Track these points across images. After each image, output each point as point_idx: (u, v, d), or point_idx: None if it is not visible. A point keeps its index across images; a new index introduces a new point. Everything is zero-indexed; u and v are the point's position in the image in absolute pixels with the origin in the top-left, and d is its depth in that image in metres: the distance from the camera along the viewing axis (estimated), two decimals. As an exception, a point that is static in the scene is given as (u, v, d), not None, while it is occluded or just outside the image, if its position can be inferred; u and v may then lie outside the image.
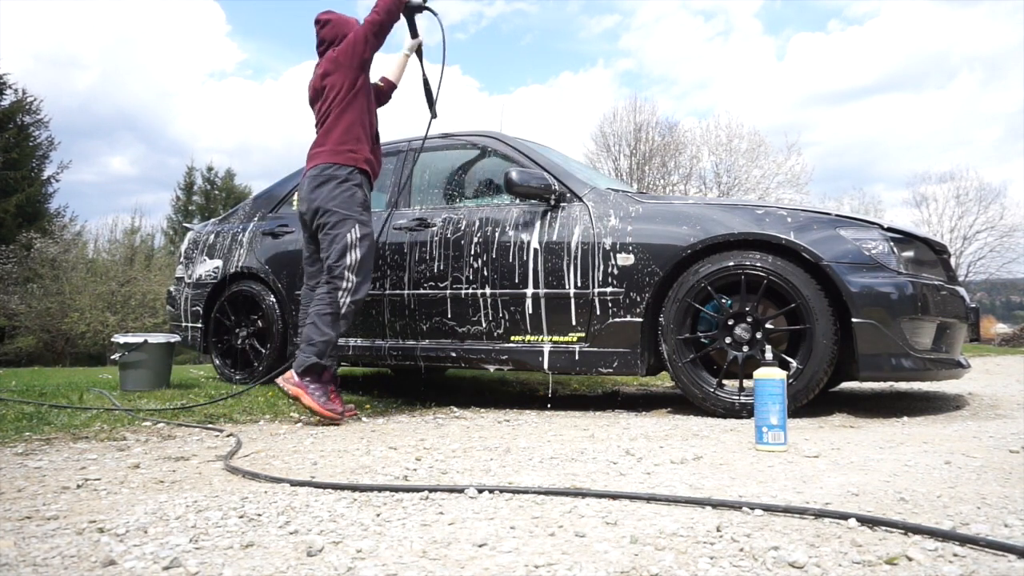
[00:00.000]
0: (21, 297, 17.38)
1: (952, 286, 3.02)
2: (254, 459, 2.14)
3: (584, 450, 2.19)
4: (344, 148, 3.16)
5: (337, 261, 3.07)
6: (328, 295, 3.05)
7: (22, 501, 1.62)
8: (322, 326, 3.02)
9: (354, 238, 3.07)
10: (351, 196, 3.12)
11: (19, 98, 21.07)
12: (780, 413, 2.12)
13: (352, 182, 3.14)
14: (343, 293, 3.05)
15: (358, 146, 3.19)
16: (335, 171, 3.13)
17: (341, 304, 3.05)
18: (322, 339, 3.00)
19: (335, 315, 3.04)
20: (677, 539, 1.25)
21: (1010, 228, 25.50)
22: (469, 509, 1.49)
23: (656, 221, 3.11)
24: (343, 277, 3.06)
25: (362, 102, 3.23)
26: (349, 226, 3.08)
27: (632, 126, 23.60)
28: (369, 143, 3.26)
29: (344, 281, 3.05)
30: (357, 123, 3.20)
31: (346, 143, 3.16)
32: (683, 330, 2.99)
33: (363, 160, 3.19)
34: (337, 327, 3.05)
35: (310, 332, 3.04)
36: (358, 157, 3.18)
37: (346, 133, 3.17)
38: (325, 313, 3.03)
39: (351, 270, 3.06)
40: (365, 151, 3.21)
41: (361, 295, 3.11)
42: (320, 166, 3.16)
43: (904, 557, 1.13)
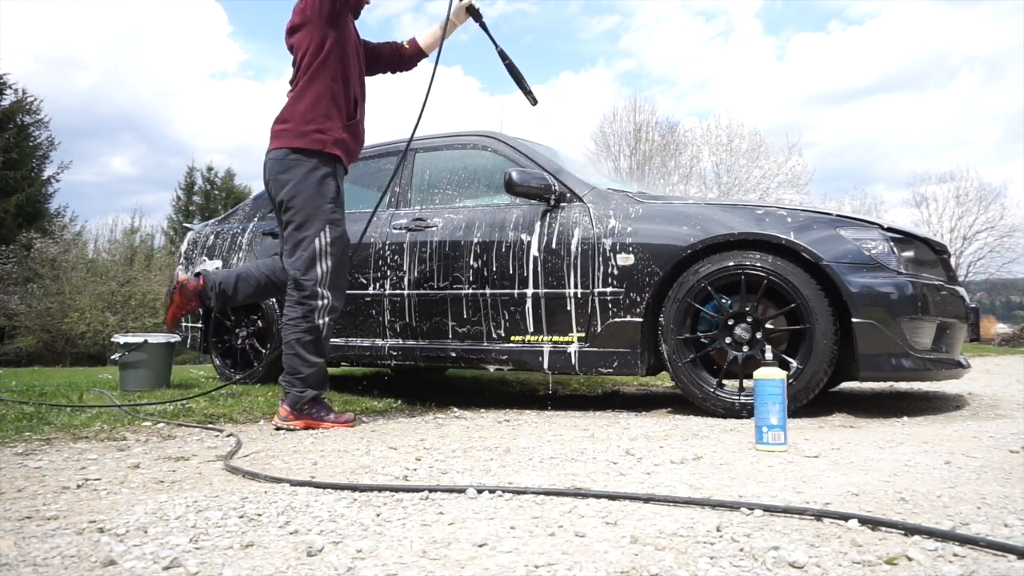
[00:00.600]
0: (21, 297, 17.38)
1: (952, 286, 3.02)
2: (254, 459, 2.14)
3: (584, 450, 2.19)
4: (310, 128, 2.71)
5: (306, 274, 2.72)
6: (303, 319, 2.72)
7: (22, 501, 1.62)
8: (307, 355, 2.73)
9: (323, 244, 2.71)
10: (319, 191, 2.72)
11: (19, 98, 21.07)
12: (780, 413, 2.12)
13: (321, 172, 2.73)
14: (319, 313, 2.74)
15: (326, 124, 2.72)
16: (300, 158, 2.71)
17: (321, 326, 2.74)
18: (311, 370, 2.75)
19: (316, 340, 2.75)
20: (677, 539, 1.25)
21: (1010, 228, 25.53)
22: (469, 509, 1.49)
23: (656, 221, 3.11)
24: (316, 295, 2.72)
25: (333, 68, 2.72)
26: (317, 228, 2.71)
27: (632, 126, 23.62)
28: (342, 118, 2.78)
29: (318, 300, 2.73)
30: (326, 95, 2.72)
31: (312, 121, 2.71)
32: (683, 330, 2.99)
33: (332, 142, 2.74)
34: (322, 350, 2.78)
35: (296, 364, 2.74)
36: (326, 139, 2.73)
37: (312, 108, 2.71)
38: (306, 340, 2.73)
39: (323, 284, 2.73)
40: (336, 130, 2.75)
41: (339, 310, 2.82)
42: (283, 151, 2.74)
43: (904, 557, 1.13)
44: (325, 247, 2.72)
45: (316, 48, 2.70)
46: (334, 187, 2.78)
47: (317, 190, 2.72)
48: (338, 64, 2.74)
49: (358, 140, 2.91)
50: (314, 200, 2.72)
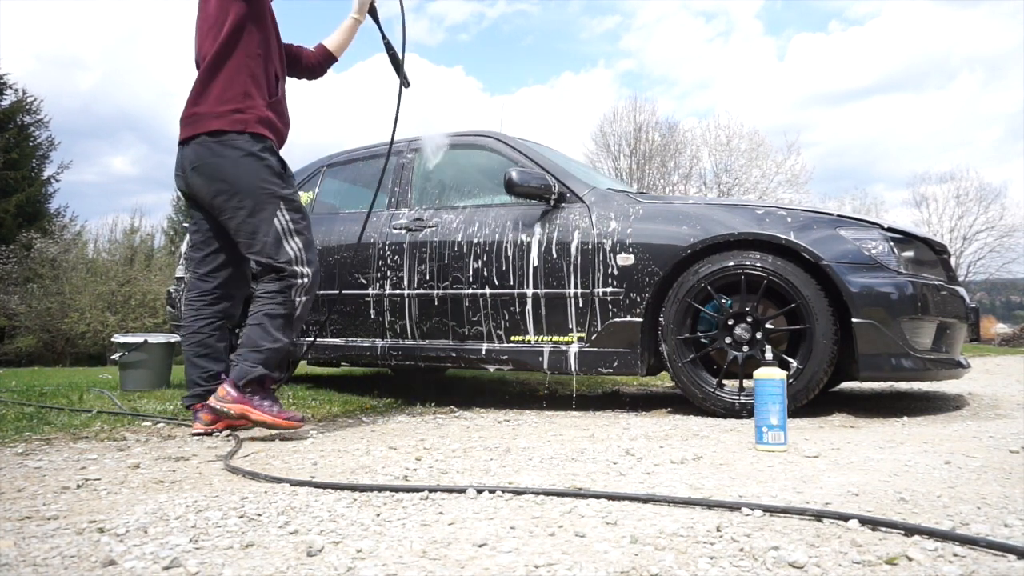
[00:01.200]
0: (21, 297, 17.39)
1: (952, 286, 3.02)
2: (254, 459, 2.14)
3: (584, 450, 2.19)
4: (227, 108, 2.45)
5: (278, 256, 2.50)
6: (280, 293, 2.50)
7: (22, 501, 1.62)
8: (273, 330, 2.49)
9: (284, 220, 2.49)
10: (261, 168, 2.47)
11: (19, 98, 21.08)
12: (780, 413, 2.12)
13: (256, 147, 2.48)
14: (297, 291, 2.53)
15: (246, 103, 2.47)
16: (227, 139, 2.45)
17: (297, 304, 2.53)
18: (273, 346, 2.48)
19: (288, 317, 2.52)
20: (677, 539, 1.25)
21: (1010, 228, 25.55)
22: (469, 509, 1.49)
23: (656, 221, 3.11)
24: (296, 275, 2.52)
25: (251, 40, 2.48)
26: (273, 208, 2.48)
27: (632, 126, 23.62)
28: (264, 96, 2.53)
29: (297, 278, 2.53)
30: (242, 71, 2.47)
31: (229, 101, 2.45)
32: (683, 330, 2.99)
33: (255, 121, 2.48)
34: (290, 332, 2.56)
35: (256, 336, 2.48)
36: (247, 118, 2.47)
37: (228, 87, 2.46)
38: (277, 315, 2.49)
39: (299, 262, 2.53)
40: (259, 108, 2.50)
41: (315, 290, 2.61)
42: (201, 137, 2.46)
43: (904, 557, 1.13)
44: (287, 224, 2.50)
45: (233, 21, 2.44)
46: (276, 161, 2.54)
47: (256, 169, 2.46)
48: (256, 34, 2.49)
49: (284, 121, 2.65)
50: (257, 180, 2.46)
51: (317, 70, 2.90)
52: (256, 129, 2.48)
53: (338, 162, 4.29)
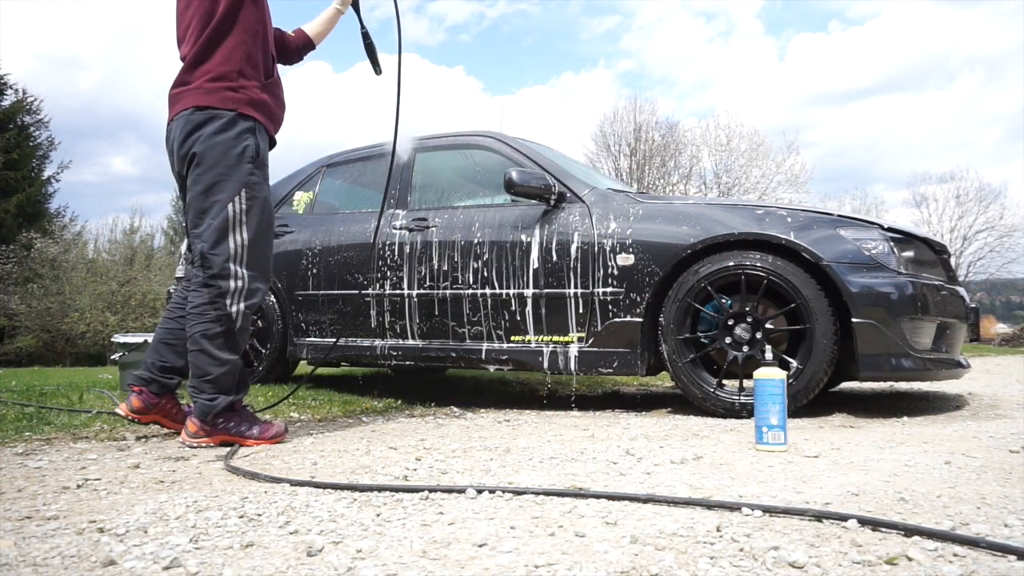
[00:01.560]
0: (21, 297, 17.39)
1: (952, 286, 3.02)
2: (254, 459, 2.14)
3: (584, 450, 2.19)
4: (220, 85, 2.28)
5: (214, 247, 2.24)
6: (212, 306, 2.24)
7: (22, 501, 1.62)
8: (215, 351, 2.25)
9: (237, 210, 2.24)
10: (237, 146, 2.27)
11: (19, 98, 21.08)
12: (780, 413, 2.12)
13: (238, 128, 2.29)
14: (232, 298, 2.25)
15: (240, 82, 2.31)
16: (211, 113, 2.27)
17: (234, 315, 2.25)
18: (222, 370, 2.26)
19: (228, 333, 2.26)
20: (677, 539, 1.25)
21: (1010, 228, 25.56)
22: (469, 509, 1.49)
23: (656, 221, 3.11)
24: (227, 275, 2.24)
25: (248, 16, 2.32)
26: (231, 192, 2.24)
27: (632, 126, 23.62)
28: (260, 77, 2.37)
29: (229, 280, 2.25)
30: (239, 49, 2.31)
31: (221, 79, 2.28)
32: (683, 330, 2.99)
33: (246, 102, 2.31)
34: (236, 346, 2.30)
35: (201, 363, 2.26)
36: (239, 98, 2.30)
37: (223, 63, 2.29)
38: (215, 334, 2.25)
39: (237, 261, 2.25)
40: (253, 89, 2.34)
41: (258, 298, 2.32)
42: (188, 111, 2.29)
43: (904, 557, 1.13)
44: (239, 214, 2.24)
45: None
46: (254, 146, 2.32)
47: (233, 147, 2.26)
48: (255, 11, 2.34)
49: (280, 103, 2.49)
50: (229, 159, 2.25)
51: (295, 56, 2.77)
52: (246, 110, 2.31)
53: (338, 162, 4.30)
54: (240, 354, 2.33)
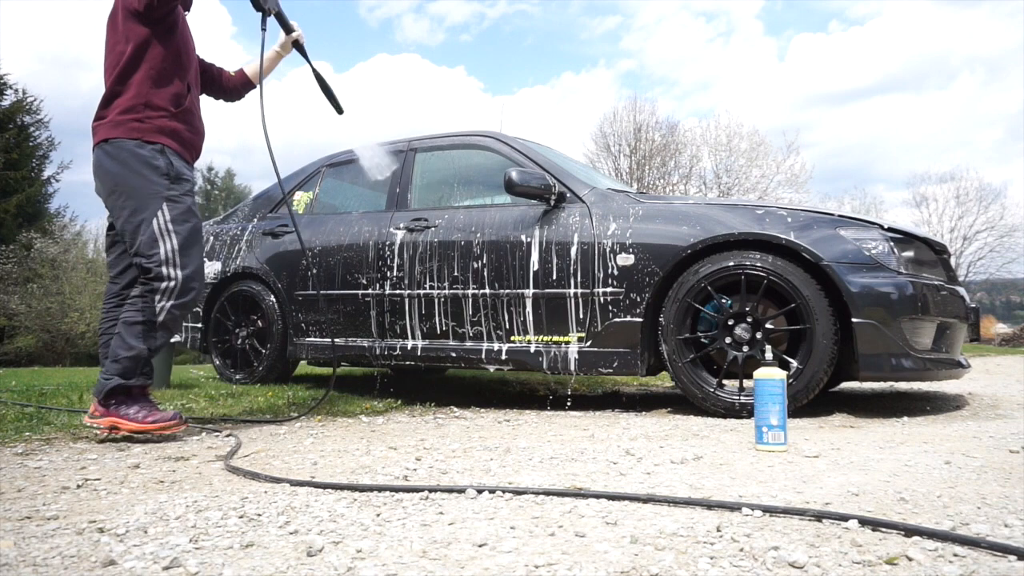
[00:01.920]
0: (21, 297, 17.39)
1: (952, 286, 3.02)
2: (254, 459, 2.14)
3: (584, 450, 2.19)
4: (127, 118, 2.48)
5: (149, 256, 2.44)
6: (140, 299, 2.44)
7: (22, 501, 1.62)
8: (129, 338, 2.42)
9: (163, 222, 2.44)
10: (148, 168, 2.46)
11: (19, 98, 21.08)
12: (780, 413, 2.12)
13: (147, 150, 2.47)
14: (162, 295, 2.44)
15: (146, 113, 2.49)
16: (120, 143, 2.47)
17: (158, 310, 2.43)
18: (128, 355, 2.41)
19: (148, 324, 2.43)
20: (677, 539, 1.25)
21: (1010, 228, 25.57)
22: (469, 509, 1.49)
23: (656, 221, 3.11)
24: (161, 276, 2.44)
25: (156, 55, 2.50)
26: (153, 208, 2.44)
27: (632, 126, 23.60)
28: (170, 107, 2.55)
29: (162, 281, 2.44)
30: (145, 83, 2.49)
31: (129, 111, 2.48)
32: (683, 330, 2.99)
33: (154, 131, 2.49)
34: (151, 339, 2.44)
35: (115, 346, 2.45)
36: (145, 127, 2.48)
37: (131, 98, 2.49)
38: (135, 322, 2.42)
39: (170, 264, 2.44)
40: (160, 118, 2.51)
41: (190, 297, 2.49)
42: (102, 143, 2.49)
43: (904, 557, 1.13)
44: (166, 224, 2.45)
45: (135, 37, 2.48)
46: (164, 165, 2.49)
47: (145, 169, 2.46)
48: (162, 50, 2.52)
49: (195, 130, 2.66)
50: (142, 181, 2.46)
51: (234, 93, 2.96)
52: (151, 137, 2.49)
53: (338, 162, 4.30)
54: (151, 348, 2.47)
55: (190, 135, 2.63)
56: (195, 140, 2.67)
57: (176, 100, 2.57)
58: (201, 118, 2.73)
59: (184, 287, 2.47)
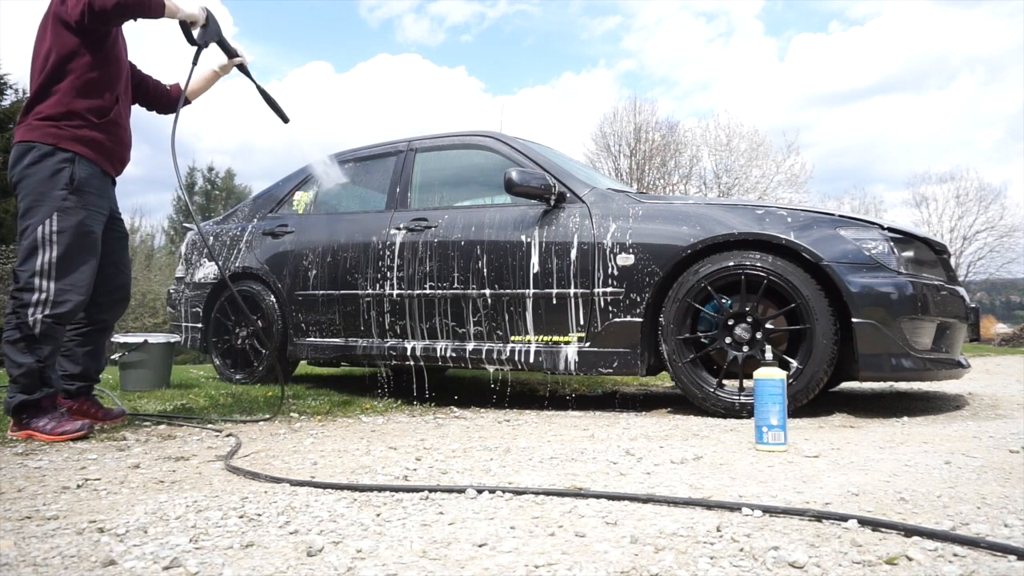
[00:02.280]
0: (21, 297, 17.36)
1: (952, 286, 3.02)
2: (254, 459, 2.15)
3: (584, 450, 2.19)
4: (44, 123, 2.49)
5: (23, 263, 2.45)
6: (14, 314, 2.45)
7: (22, 501, 1.62)
8: (14, 355, 2.44)
9: (48, 231, 2.43)
10: (51, 177, 2.46)
11: (20, 98, 21.06)
12: (780, 413, 2.12)
13: (55, 159, 2.48)
14: (34, 309, 2.43)
15: (64, 121, 2.50)
16: (33, 146, 2.48)
17: (32, 323, 2.43)
18: (20, 372, 2.44)
19: (28, 338, 2.43)
20: (677, 539, 1.25)
21: (1010, 228, 25.54)
22: (469, 509, 1.49)
23: (656, 221, 3.11)
24: (32, 288, 2.43)
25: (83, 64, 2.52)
26: (42, 215, 2.44)
27: (632, 126, 23.60)
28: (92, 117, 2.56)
29: (32, 293, 2.43)
30: (69, 92, 2.51)
31: (49, 118, 2.49)
32: (683, 330, 2.99)
33: (69, 138, 2.50)
34: (36, 351, 2.45)
35: (7, 366, 2.50)
36: (62, 134, 2.49)
37: (53, 104, 2.51)
38: (14, 340, 2.44)
39: (43, 275, 2.44)
40: (79, 127, 2.53)
41: (67, 307, 2.47)
42: (17, 144, 2.52)
43: (904, 557, 1.13)
44: (49, 235, 2.44)
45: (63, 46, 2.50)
46: (68, 175, 2.49)
47: (47, 176, 2.47)
48: (90, 59, 2.53)
49: (119, 142, 2.68)
50: (43, 185, 2.46)
51: (168, 107, 2.99)
52: (66, 144, 2.50)
53: (338, 162, 4.30)
54: (39, 359, 2.46)
55: (112, 145, 2.64)
56: (118, 151, 2.69)
57: (100, 111, 2.58)
58: (128, 130, 2.76)
59: (56, 299, 2.46)
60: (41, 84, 2.51)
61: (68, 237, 2.47)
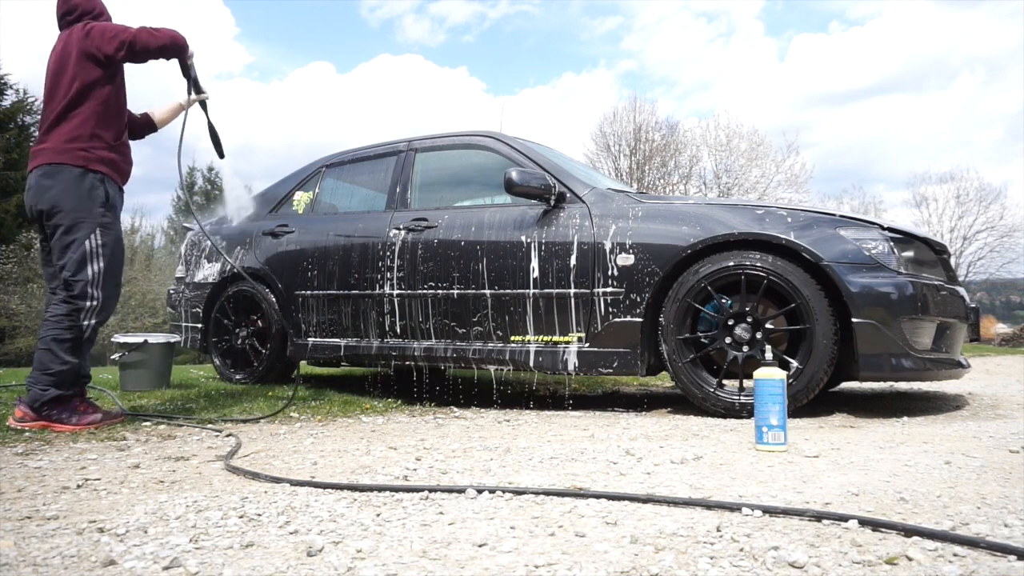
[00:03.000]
0: (21, 297, 17.37)
1: (952, 286, 3.02)
2: (254, 459, 2.15)
3: (584, 450, 2.19)
4: (74, 146, 2.75)
5: (76, 275, 2.70)
6: (67, 317, 2.69)
7: (22, 501, 1.62)
8: (61, 353, 2.67)
9: (94, 245, 2.72)
10: (88, 196, 2.74)
11: (20, 98, 21.06)
12: (780, 413, 2.12)
13: (89, 179, 2.76)
14: (86, 314, 2.70)
15: (91, 144, 2.78)
16: (64, 168, 2.74)
17: (85, 328, 2.70)
18: (62, 368, 2.66)
19: (76, 340, 2.69)
20: (677, 539, 1.25)
21: (1010, 228, 25.55)
22: (469, 509, 1.49)
23: (656, 221, 3.11)
24: (86, 295, 2.70)
25: (102, 93, 2.81)
26: (87, 230, 2.72)
27: (632, 126, 23.60)
28: (110, 140, 2.85)
29: (87, 300, 2.70)
30: (93, 117, 2.79)
31: (77, 139, 2.76)
32: (683, 330, 2.99)
33: (96, 160, 2.78)
34: (80, 353, 2.72)
35: (46, 360, 2.67)
36: (90, 156, 2.77)
37: (79, 128, 2.77)
38: (64, 339, 2.67)
39: (94, 285, 2.72)
40: (101, 150, 2.81)
41: (108, 313, 2.80)
42: (44, 166, 2.77)
43: (904, 557, 1.13)
44: (96, 248, 2.74)
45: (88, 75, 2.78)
46: (103, 193, 2.79)
47: (86, 195, 2.74)
48: (109, 88, 2.84)
49: (127, 160, 2.98)
50: (83, 203, 2.73)
51: (138, 133, 3.26)
52: (95, 167, 2.78)
53: (338, 162, 4.30)
54: (81, 361, 2.74)
55: (124, 166, 2.95)
56: (128, 169, 2.99)
57: (117, 134, 2.90)
58: (131, 150, 3.07)
59: (104, 306, 2.77)
60: (65, 107, 2.77)
61: (110, 249, 2.78)
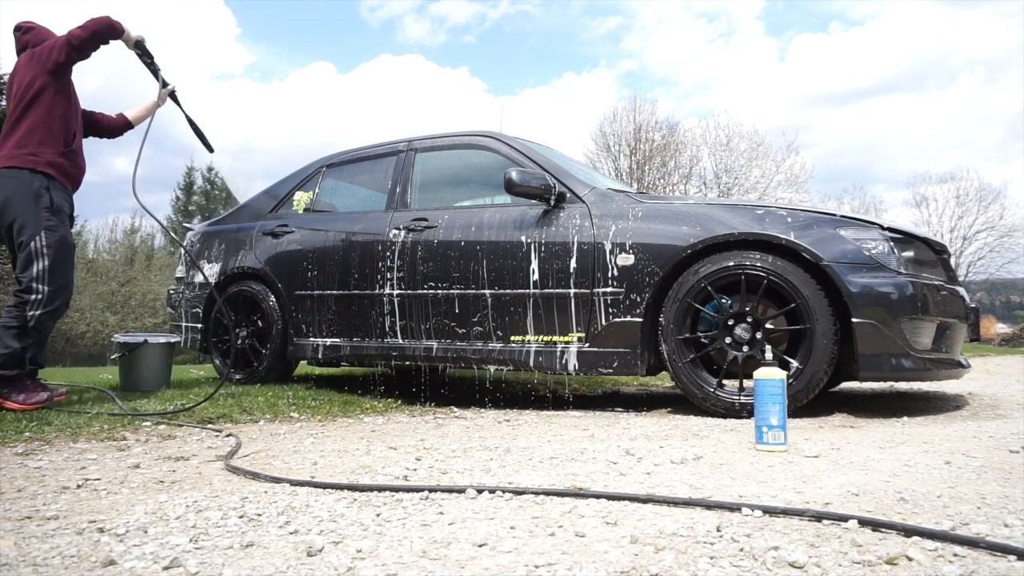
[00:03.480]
0: (21, 297, 17.36)
1: (952, 286, 3.02)
2: (254, 459, 2.14)
3: (584, 450, 2.19)
4: (23, 152, 3.05)
5: (23, 272, 3.02)
6: (15, 308, 3.02)
7: (22, 501, 1.62)
8: (6, 339, 2.99)
9: (39, 246, 3.01)
10: (35, 200, 3.03)
11: (19, 98, 21.04)
12: (780, 413, 2.12)
13: (36, 184, 3.04)
14: (31, 306, 3.01)
15: (39, 149, 3.07)
16: (13, 173, 3.04)
17: (29, 317, 3.00)
18: (5, 352, 2.98)
19: (21, 328, 2.99)
20: (677, 539, 1.25)
21: (1010, 228, 25.54)
22: (469, 509, 1.49)
23: (656, 221, 3.11)
24: (31, 290, 3.01)
25: (48, 104, 3.11)
26: (32, 232, 3.01)
27: (632, 126, 23.60)
28: (57, 147, 3.13)
29: (32, 294, 3.00)
30: (40, 126, 3.09)
31: (25, 146, 3.06)
32: (683, 330, 2.99)
33: (44, 163, 3.07)
34: (24, 339, 3.01)
35: None
36: (38, 160, 3.06)
37: (27, 136, 3.07)
38: (11, 327, 3.00)
39: (39, 280, 3.01)
40: (48, 154, 3.09)
41: (57, 304, 3.06)
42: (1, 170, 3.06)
43: (904, 557, 1.13)
44: (41, 248, 3.02)
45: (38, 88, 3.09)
46: (48, 199, 3.06)
47: (33, 199, 3.03)
48: (57, 98, 3.13)
49: (77, 166, 3.25)
50: (29, 208, 3.02)
51: (115, 133, 3.59)
52: (43, 169, 3.07)
53: (338, 162, 4.30)
54: (24, 347, 3.02)
55: (73, 171, 3.23)
56: (77, 175, 3.27)
57: (66, 141, 3.18)
58: (83, 156, 3.33)
59: (49, 299, 3.04)
60: (17, 117, 3.08)
61: (54, 250, 3.05)
